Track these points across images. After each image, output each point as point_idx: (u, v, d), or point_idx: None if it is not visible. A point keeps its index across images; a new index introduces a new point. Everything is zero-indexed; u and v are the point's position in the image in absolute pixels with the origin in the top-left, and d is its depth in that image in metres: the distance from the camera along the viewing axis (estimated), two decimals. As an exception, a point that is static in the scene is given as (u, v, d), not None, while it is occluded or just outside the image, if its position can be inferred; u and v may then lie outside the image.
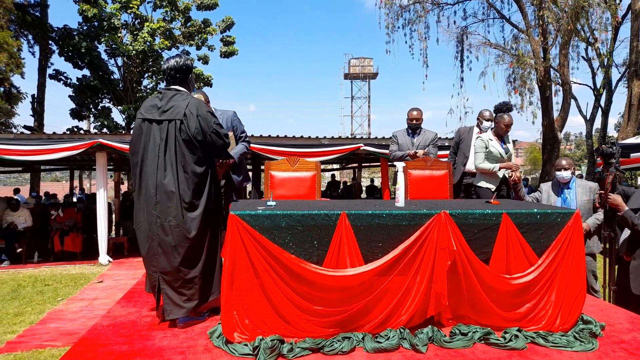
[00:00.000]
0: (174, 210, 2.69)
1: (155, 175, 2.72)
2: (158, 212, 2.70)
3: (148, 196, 2.73)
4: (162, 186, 2.70)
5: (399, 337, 2.46)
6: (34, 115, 18.38)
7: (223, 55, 20.14)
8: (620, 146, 3.61)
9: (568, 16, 10.86)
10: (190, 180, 2.74)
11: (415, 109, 5.03)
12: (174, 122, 2.75)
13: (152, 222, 2.71)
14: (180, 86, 2.94)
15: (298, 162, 4.32)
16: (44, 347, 4.07)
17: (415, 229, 2.57)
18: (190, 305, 2.73)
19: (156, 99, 2.86)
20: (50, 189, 16.53)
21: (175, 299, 2.70)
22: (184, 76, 2.95)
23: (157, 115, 2.79)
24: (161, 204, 2.70)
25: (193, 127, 2.74)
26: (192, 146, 2.76)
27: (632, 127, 12.15)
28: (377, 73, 42.61)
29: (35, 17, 17.63)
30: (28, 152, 8.01)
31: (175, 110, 2.77)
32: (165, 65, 2.94)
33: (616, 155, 3.46)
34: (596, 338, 2.61)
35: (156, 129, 2.78)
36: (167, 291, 2.70)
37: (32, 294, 6.27)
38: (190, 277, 2.73)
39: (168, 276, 2.70)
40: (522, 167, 38.75)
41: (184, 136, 2.74)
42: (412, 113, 4.99)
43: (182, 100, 2.81)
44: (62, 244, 9.18)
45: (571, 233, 2.71)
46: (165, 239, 2.69)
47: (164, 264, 2.70)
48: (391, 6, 13.65)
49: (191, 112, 2.76)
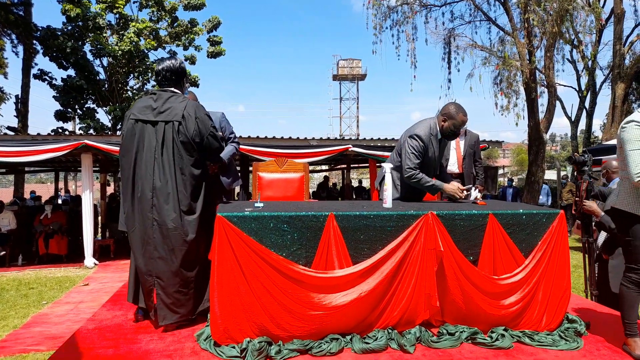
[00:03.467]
0: (173, 213, 2.66)
1: (151, 177, 2.68)
2: (155, 215, 2.66)
3: (144, 199, 2.68)
4: (160, 188, 2.66)
5: (387, 338, 2.46)
6: (17, 116, 18.07)
7: (210, 56, 20.05)
8: (596, 148, 3.70)
9: (553, 19, 11.00)
10: (188, 182, 2.71)
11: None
12: (171, 123, 2.71)
13: (148, 226, 2.67)
14: (174, 88, 2.90)
15: (286, 163, 4.32)
16: (28, 352, 4.00)
17: (403, 229, 2.58)
18: (184, 310, 2.71)
19: (150, 100, 2.80)
20: (35, 190, 16.26)
21: (170, 304, 2.67)
22: (178, 78, 2.92)
23: (152, 116, 2.74)
24: (158, 206, 2.66)
25: (192, 129, 2.71)
26: (190, 148, 2.73)
27: (616, 128, 12.34)
28: (366, 74, 42.74)
29: (19, 16, 17.33)
30: (12, 153, 7.86)
31: (173, 112, 2.73)
32: (160, 66, 2.89)
33: (588, 163, 3.58)
34: (581, 337, 2.65)
35: (151, 130, 2.73)
36: (162, 296, 2.67)
37: (15, 298, 6.16)
38: (186, 281, 2.70)
39: (164, 281, 2.66)
40: (509, 168, 39.15)
41: (182, 138, 2.71)
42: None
43: (179, 102, 2.78)
44: (47, 247, 9.04)
45: (556, 233, 2.74)
46: (163, 242, 2.65)
47: (161, 268, 2.66)
48: (379, 7, 13.70)
49: (189, 114, 2.73)
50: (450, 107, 3.25)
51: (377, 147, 9.30)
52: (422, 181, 3.21)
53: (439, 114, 3.31)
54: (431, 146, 3.29)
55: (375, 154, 8.96)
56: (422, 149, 3.23)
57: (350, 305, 2.45)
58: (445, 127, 3.25)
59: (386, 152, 8.60)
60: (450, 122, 3.23)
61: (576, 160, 3.63)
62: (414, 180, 3.21)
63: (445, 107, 3.30)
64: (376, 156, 8.91)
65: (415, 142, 3.22)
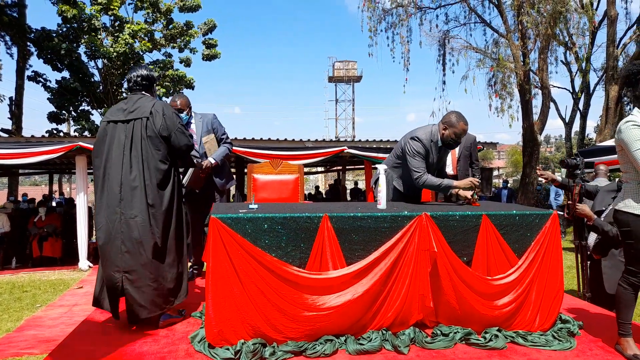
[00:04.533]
0: (140, 205, 2.71)
1: (120, 173, 2.75)
2: (122, 209, 2.71)
3: (111, 194, 2.74)
4: (128, 182, 2.73)
5: (381, 339, 2.47)
6: (11, 118, 17.96)
7: (205, 58, 20.00)
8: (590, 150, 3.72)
9: (546, 21, 11.09)
10: (154, 176, 2.79)
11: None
12: (140, 120, 2.83)
13: (115, 220, 2.71)
14: (145, 92, 3.05)
15: (281, 165, 4.32)
16: (21, 355, 3.97)
17: (397, 230, 2.59)
18: (154, 306, 2.70)
19: (122, 104, 2.96)
20: (29, 193, 16.15)
21: (139, 299, 2.67)
22: (149, 84, 3.08)
23: (122, 116, 2.87)
24: (125, 200, 2.72)
25: (159, 124, 2.82)
26: (157, 142, 2.83)
27: (610, 130, 12.44)
28: (362, 76, 42.76)
29: (13, 17, 17.24)
30: (6, 155, 7.82)
31: (141, 110, 2.86)
32: (134, 73, 3.04)
33: (580, 167, 3.60)
34: (574, 337, 2.67)
35: (121, 129, 2.84)
36: (131, 291, 2.67)
37: (9, 301, 6.12)
38: (156, 274, 2.72)
39: (132, 275, 2.67)
40: (504, 170, 39.32)
41: (150, 132, 2.82)
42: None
43: (148, 101, 2.92)
44: (41, 249, 8.97)
45: (549, 234, 2.76)
46: (131, 235, 2.69)
47: (128, 262, 2.68)
48: (374, 9, 13.76)
49: (157, 111, 2.86)
50: (451, 115, 3.27)
51: (372, 149, 9.30)
52: (429, 182, 3.22)
53: (440, 122, 3.33)
54: (431, 152, 3.31)
55: (370, 155, 8.96)
56: (423, 151, 3.25)
57: (345, 306, 2.45)
58: (446, 136, 3.26)
59: (381, 153, 8.61)
60: (451, 131, 3.23)
61: (568, 164, 3.65)
62: (422, 183, 3.23)
63: (447, 115, 3.32)
64: (371, 158, 8.91)
65: (417, 144, 3.24)
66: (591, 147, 12.00)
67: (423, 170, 3.21)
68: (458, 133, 3.23)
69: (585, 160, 3.77)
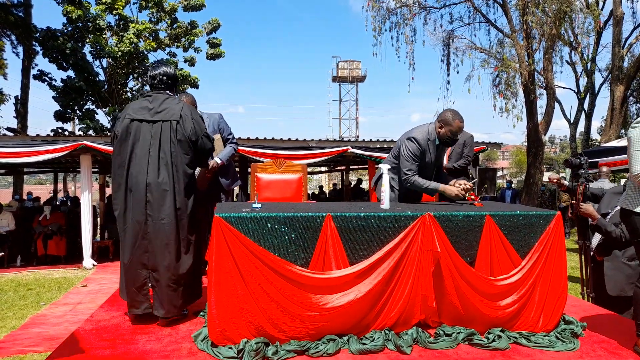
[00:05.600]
0: (168, 209, 2.73)
1: (145, 174, 2.74)
2: (150, 211, 2.73)
3: (137, 195, 2.74)
4: (156, 184, 2.73)
5: (384, 339, 2.47)
6: (17, 117, 18.06)
7: (209, 57, 20.05)
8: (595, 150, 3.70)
9: (551, 21, 11.04)
10: (182, 180, 2.80)
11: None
12: (169, 122, 2.81)
13: (142, 221, 2.73)
14: (169, 91, 3.01)
15: (284, 164, 4.32)
16: (26, 353, 4.00)
17: (400, 230, 2.58)
18: (173, 307, 2.74)
19: (145, 102, 2.90)
20: (34, 191, 16.23)
21: (163, 297, 2.72)
22: (173, 83, 3.04)
23: (149, 116, 2.83)
24: (153, 202, 2.73)
25: (189, 129, 2.82)
26: (186, 147, 2.84)
27: (615, 130, 12.39)
28: (366, 76, 42.70)
29: (19, 17, 17.33)
30: (11, 154, 7.87)
31: (170, 112, 2.83)
32: (156, 71, 2.99)
33: (584, 166, 3.58)
34: (578, 338, 2.65)
35: (147, 129, 2.81)
36: (156, 289, 2.73)
37: (14, 299, 6.16)
38: (177, 277, 2.75)
39: (157, 274, 2.72)
40: (508, 170, 39.18)
41: (180, 136, 2.81)
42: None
43: (175, 103, 2.89)
44: (46, 248, 9.03)
45: (553, 234, 2.75)
46: (158, 236, 2.72)
47: (154, 261, 2.72)
48: (378, 9, 13.76)
49: (186, 114, 2.85)
50: (446, 113, 3.26)
51: (375, 149, 9.31)
52: (416, 184, 3.22)
53: (436, 120, 3.32)
54: (428, 151, 3.30)
55: (374, 155, 8.97)
56: (418, 152, 3.24)
57: (348, 306, 2.45)
58: (443, 134, 3.27)
59: (385, 153, 8.60)
60: (447, 129, 3.23)
61: (572, 163, 3.64)
62: (409, 184, 3.24)
63: (442, 113, 3.32)
64: (375, 157, 8.91)
65: (413, 145, 3.23)
66: (594, 147, 11.95)
67: (412, 172, 3.23)
68: (454, 131, 3.24)
69: (589, 161, 3.76)
